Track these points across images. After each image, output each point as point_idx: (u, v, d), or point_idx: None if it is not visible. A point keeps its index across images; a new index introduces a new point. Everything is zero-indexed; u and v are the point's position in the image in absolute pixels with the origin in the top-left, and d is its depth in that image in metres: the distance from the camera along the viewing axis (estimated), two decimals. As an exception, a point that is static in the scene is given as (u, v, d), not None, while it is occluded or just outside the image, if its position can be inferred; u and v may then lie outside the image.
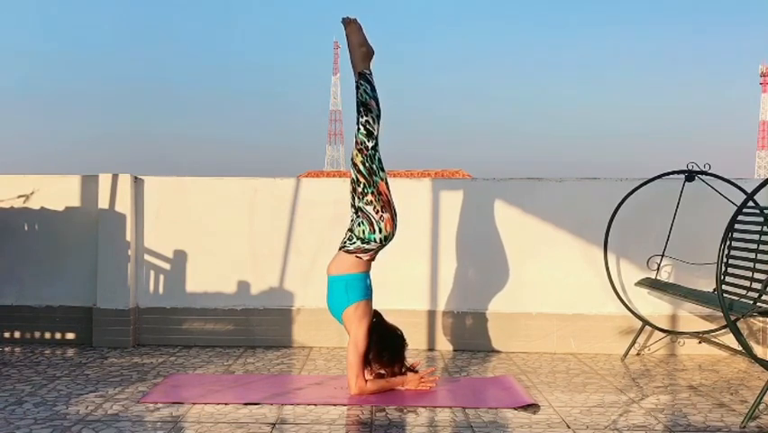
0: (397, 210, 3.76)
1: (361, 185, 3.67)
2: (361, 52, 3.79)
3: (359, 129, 3.70)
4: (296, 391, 3.75)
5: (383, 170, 3.73)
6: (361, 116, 3.70)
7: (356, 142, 3.70)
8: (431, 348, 4.88)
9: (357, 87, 3.74)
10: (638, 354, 4.76)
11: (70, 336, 4.93)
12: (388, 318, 3.80)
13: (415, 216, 4.82)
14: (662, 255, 4.74)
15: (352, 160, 3.73)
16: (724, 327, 4.41)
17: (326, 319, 4.00)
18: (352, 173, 3.71)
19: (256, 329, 4.92)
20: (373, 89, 3.74)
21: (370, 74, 3.77)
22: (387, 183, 3.74)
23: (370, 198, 3.65)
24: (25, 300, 4.95)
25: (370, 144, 3.68)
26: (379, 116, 3.72)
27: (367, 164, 3.67)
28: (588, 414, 3.36)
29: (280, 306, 4.93)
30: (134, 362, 4.39)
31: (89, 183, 4.96)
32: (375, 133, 3.70)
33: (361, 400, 3.53)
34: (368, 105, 3.71)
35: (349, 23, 3.84)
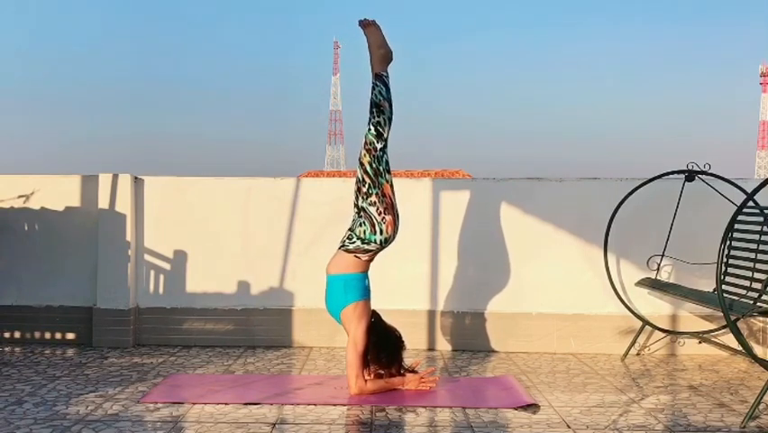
0: (399, 214, 3.76)
1: (366, 185, 3.67)
2: (380, 54, 3.79)
3: (369, 129, 3.70)
4: (296, 391, 3.75)
5: (389, 172, 3.74)
6: (374, 117, 3.71)
7: (365, 142, 3.71)
8: (431, 348, 4.88)
9: (372, 88, 3.75)
10: (638, 354, 4.76)
11: (70, 336, 4.93)
12: (388, 318, 3.80)
13: (415, 216, 4.82)
14: (662, 255, 4.74)
15: (359, 159, 3.73)
16: (724, 327, 4.41)
17: (326, 319, 3.99)
18: (359, 172, 3.71)
19: (256, 329, 4.92)
20: (388, 91, 3.74)
21: (387, 76, 3.78)
22: (392, 186, 3.75)
23: (373, 198, 3.66)
24: (25, 300, 4.95)
25: (378, 146, 3.69)
26: (390, 119, 3.73)
27: (374, 165, 3.68)
28: (588, 414, 3.36)
29: (280, 306, 4.93)
30: (134, 362, 4.39)
31: (89, 183, 4.96)
32: (385, 135, 3.71)
33: (361, 400, 3.53)
34: (381, 106, 3.71)
35: (367, 25, 3.85)
